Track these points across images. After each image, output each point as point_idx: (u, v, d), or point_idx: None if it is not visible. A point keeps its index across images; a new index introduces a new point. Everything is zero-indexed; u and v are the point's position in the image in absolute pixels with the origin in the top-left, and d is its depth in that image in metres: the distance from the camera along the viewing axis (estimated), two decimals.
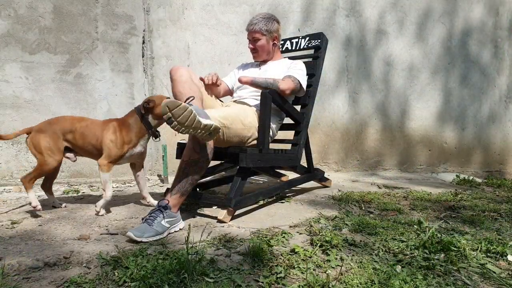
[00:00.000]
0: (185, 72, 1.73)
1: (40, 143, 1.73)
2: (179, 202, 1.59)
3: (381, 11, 3.49)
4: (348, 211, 1.91)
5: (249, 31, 2.09)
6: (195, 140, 1.61)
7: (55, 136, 1.76)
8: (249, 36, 2.12)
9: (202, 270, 1.09)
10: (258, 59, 2.19)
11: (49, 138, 1.75)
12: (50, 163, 1.74)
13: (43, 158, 1.73)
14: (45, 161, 1.73)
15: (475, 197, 2.42)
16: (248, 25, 2.09)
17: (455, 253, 1.28)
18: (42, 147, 1.73)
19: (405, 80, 3.61)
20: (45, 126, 1.78)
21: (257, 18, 2.07)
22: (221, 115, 1.72)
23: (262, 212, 1.88)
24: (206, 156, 1.63)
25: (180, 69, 1.73)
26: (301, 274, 1.10)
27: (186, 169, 1.60)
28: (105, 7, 2.80)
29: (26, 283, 1.03)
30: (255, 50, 2.13)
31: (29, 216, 1.76)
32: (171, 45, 2.97)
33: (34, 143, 1.74)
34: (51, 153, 1.74)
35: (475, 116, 3.87)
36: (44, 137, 1.74)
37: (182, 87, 1.67)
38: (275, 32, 2.11)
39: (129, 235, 1.37)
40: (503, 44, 3.93)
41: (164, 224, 1.46)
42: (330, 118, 3.42)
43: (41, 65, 2.66)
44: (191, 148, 1.61)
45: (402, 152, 3.66)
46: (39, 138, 1.74)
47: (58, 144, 1.76)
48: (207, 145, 1.63)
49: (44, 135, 1.75)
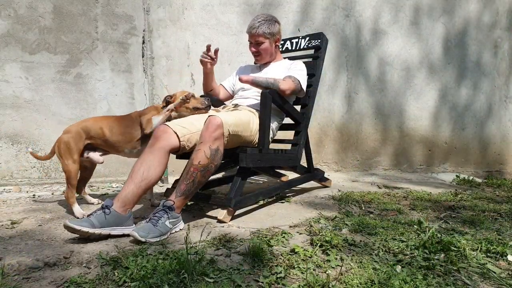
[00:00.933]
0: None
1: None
2: (183, 204, 1.58)
3: (380, 11, 3.49)
4: (348, 211, 1.91)
5: (252, 34, 2.05)
6: (207, 145, 1.57)
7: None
8: (251, 39, 2.08)
9: (202, 270, 1.09)
10: (261, 62, 2.18)
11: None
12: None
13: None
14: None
15: (475, 197, 2.42)
16: (250, 28, 2.05)
17: (455, 253, 1.28)
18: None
19: (405, 80, 3.61)
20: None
21: (259, 21, 2.03)
22: (234, 122, 1.71)
23: (262, 212, 1.88)
24: (216, 161, 1.60)
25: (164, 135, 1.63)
26: (301, 274, 1.10)
27: (194, 173, 1.56)
28: (105, 7, 2.80)
29: (26, 283, 1.03)
30: (258, 53, 2.11)
31: (29, 216, 1.76)
32: (171, 45, 2.97)
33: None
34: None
35: (475, 116, 3.87)
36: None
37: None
38: (277, 34, 2.10)
39: (133, 235, 1.36)
40: (503, 44, 3.93)
41: (168, 225, 1.46)
42: (330, 118, 3.42)
43: (41, 65, 2.66)
44: (201, 153, 1.56)
45: (402, 152, 3.66)
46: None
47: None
48: (218, 150, 1.60)
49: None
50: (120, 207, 1.44)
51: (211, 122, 1.60)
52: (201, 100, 1.91)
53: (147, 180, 1.50)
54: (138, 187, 1.47)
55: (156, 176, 1.54)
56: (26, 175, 2.65)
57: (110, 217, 1.40)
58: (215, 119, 1.60)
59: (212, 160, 1.58)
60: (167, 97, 1.89)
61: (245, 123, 1.80)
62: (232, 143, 1.76)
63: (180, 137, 1.63)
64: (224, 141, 1.65)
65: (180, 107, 1.87)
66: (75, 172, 1.77)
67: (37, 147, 2.66)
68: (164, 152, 1.58)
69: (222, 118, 1.62)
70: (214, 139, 1.58)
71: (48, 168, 2.69)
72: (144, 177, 1.49)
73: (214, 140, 1.58)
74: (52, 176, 2.71)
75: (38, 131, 2.66)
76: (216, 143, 1.59)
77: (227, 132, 1.64)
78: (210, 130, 1.58)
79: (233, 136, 1.71)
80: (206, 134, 1.58)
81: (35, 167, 2.67)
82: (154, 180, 1.53)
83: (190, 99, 1.87)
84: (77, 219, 1.46)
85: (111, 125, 1.83)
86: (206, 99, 1.92)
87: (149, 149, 1.59)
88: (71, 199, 1.76)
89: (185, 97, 1.85)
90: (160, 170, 1.55)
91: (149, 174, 1.50)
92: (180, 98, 1.86)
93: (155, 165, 1.53)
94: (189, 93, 1.87)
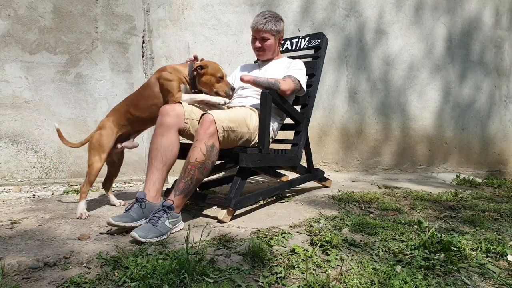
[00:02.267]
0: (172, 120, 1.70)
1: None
2: (182, 202, 1.59)
3: (380, 10, 3.49)
4: (348, 211, 1.91)
5: (258, 30, 2.05)
6: (202, 142, 1.60)
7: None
8: (256, 35, 2.08)
9: (202, 270, 1.09)
10: (263, 58, 2.18)
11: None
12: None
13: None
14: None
15: (475, 197, 2.42)
16: (256, 23, 2.05)
17: (455, 253, 1.28)
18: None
19: (405, 80, 3.61)
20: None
21: (266, 17, 2.04)
22: (228, 117, 1.72)
23: (262, 212, 1.88)
24: (212, 157, 1.63)
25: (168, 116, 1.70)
26: (301, 274, 1.10)
27: (192, 170, 1.58)
28: (105, 7, 2.80)
29: (26, 283, 1.03)
30: (262, 49, 2.11)
31: (29, 216, 1.76)
32: (171, 45, 2.97)
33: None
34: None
35: (475, 116, 3.87)
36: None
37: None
38: (281, 31, 2.12)
39: (133, 235, 1.37)
40: (503, 44, 3.93)
41: (167, 225, 1.46)
42: (330, 118, 3.42)
43: (41, 65, 2.66)
44: (197, 150, 1.59)
45: (402, 152, 3.65)
46: None
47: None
48: (214, 147, 1.63)
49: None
50: (152, 197, 1.60)
51: (204, 120, 1.64)
52: (226, 89, 1.83)
53: (168, 164, 1.67)
54: (161, 172, 1.64)
55: (174, 157, 1.69)
56: (26, 175, 2.65)
57: (147, 210, 1.54)
58: (208, 117, 1.64)
59: (208, 156, 1.60)
60: (198, 68, 1.78)
61: (241, 119, 1.80)
62: (230, 141, 1.76)
63: (186, 117, 1.72)
64: (220, 138, 1.66)
65: (208, 82, 1.80)
66: (97, 170, 1.78)
67: (37, 147, 2.66)
68: (174, 131, 1.69)
69: (214, 115, 1.65)
70: (209, 136, 1.61)
71: (48, 168, 2.69)
72: (164, 162, 1.65)
73: (209, 136, 1.61)
74: (52, 176, 2.71)
75: (38, 131, 2.66)
76: (211, 140, 1.62)
77: (221, 128, 1.66)
78: (204, 127, 1.62)
79: (229, 132, 1.71)
80: (201, 131, 1.61)
81: (35, 167, 2.67)
82: (173, 162, 1.69)
83: (220, 79, 1.81)
84: (118, 216, 1.50)
85: (135, 103, 1.82)
86: (231, 90, 1.85)
87: (159, 130, 1.68)
88: (83, 194, 1.77)
89: (220, 75, 1.80)
90: (175, 150, 1.69)
91: (167, 158, 1.66)
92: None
93: (170, 147, 1.67)
94: (223, 73, 1.82)
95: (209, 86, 1.82)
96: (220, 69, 1.84)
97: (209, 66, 1.80)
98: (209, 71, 1.79)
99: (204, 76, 1.79)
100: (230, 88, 1.87)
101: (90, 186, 1.79)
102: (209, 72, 1.79)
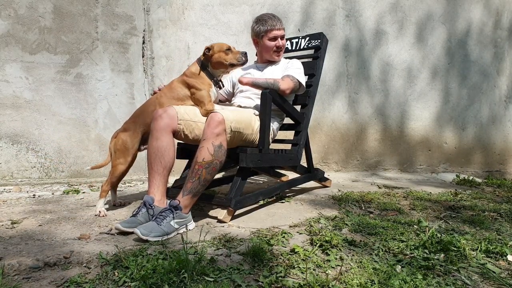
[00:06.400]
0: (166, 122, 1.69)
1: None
2: (191, 203, 1.58)
3: (380, 11, 3.49)
4: (348, 211, 1.91)
5: (279, 28, 2.05)
6: (209, 142, 1.58)
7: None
8: (277, 33, 2.06)
9: (202, 270, 1.09)
10: (279, 59, 2.17)
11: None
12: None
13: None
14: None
15: (475, 197, 2.42)
16: (275, 21, 2.04)
17: (455, 253, 1.28)
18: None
19: (405, 80, 3.61)
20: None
21: (277, 17, 2.07)
22: (235, 118, 1.70)
23: (262, 212, 1.88)
24: (220, 157, 1.61)
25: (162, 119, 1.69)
26: (301, 274, 1.10)
27: (199, 170, 1.56)
28: (105, 7, 2.80)
29: (26, 283, 1.04)
30: (281, 49, 2.12)
31: (29, 216, 1.76)
32: (171, 45, 2.97)
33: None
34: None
35: (475, 116, 3.87)
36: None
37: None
38: None
39: (135, 232, 1.37)
40: (503, 44, 3.93)
41: (173, 225, 1.45)
42: (330, 118, 3.42)
43: (41, 65, 2.66)
44: (204, 150, 1.57)
45: (402, 152, 3.65)
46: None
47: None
48: (221, 146, 1.61)
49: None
50: (158, 201, 1.60)
51: (212, 119, 1.60)
52: (238, 56, 1.84)
53: (168, 167, 1.66)
54: (163, 176, 1.64)
55: (172, 159, 1.68)
56: (26, 175, 2.65)
57: (155, 215, 1.51)
58: (217, 115, 1.61)
59: (216, 156, 1.58)
60: (206, 50, 1.82)
61: (247, 121, 1.80)
62: (235, 141, 1.75)
63: (179, 118, 1.69)
64: (227, 138, 1.64)
65: (218, 59, 1.81)
66: (121, 172, 1.80)
67: (37, 147, 2.66)
68: (167, 133, 1.67)
69: (223, 114, 1.63)
70: (216, 135, 1.59)
71: (48, 168, 2.70)
72: (163, 166, 1.64)
73: (217, 136, 1.59)
74: (52, 176, 2.71)
75: (38, 131, 2.66)
76: (219, 139, 1.60)
77: (229, 129, 1.64)
78: (212, 127, 1.59)
79: (235, 133, 1.70)
80: (208, 130, 1.59)
81: (35, 167, 2.67)
82: (172, 163, 1.68)
83: (228, 51, 1.82)
84: (125, 221, 1.49)
85: (160, 104, 1.81)
86: (243, 55, 1.84)
87: (154, 134, 1.67)
88: (103, 192, 1.79)
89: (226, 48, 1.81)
90: (172, 151, 1.68)
91: (166, 161, 1.64)
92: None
93: (167, 149, 1.65)
94: (228, 45, 1.84)
95: (221, 63, 1.84)
96: (225, 43, 1.87)
97: (214, 45, 1.85)
98: (216, 49, 1.83)
99: (213, 56, 1.82)
100: (241, 54, 1.85)
101: (111, 186, 1.84)
102: (216, 49, 1.82)
